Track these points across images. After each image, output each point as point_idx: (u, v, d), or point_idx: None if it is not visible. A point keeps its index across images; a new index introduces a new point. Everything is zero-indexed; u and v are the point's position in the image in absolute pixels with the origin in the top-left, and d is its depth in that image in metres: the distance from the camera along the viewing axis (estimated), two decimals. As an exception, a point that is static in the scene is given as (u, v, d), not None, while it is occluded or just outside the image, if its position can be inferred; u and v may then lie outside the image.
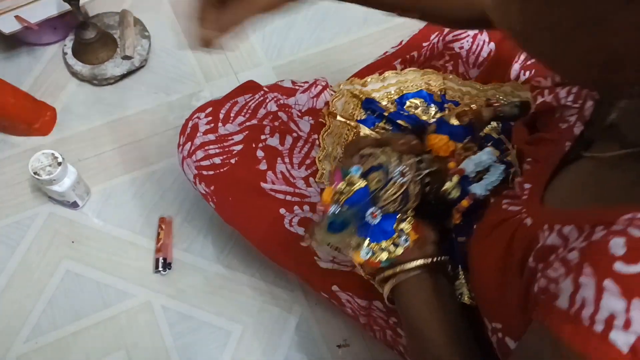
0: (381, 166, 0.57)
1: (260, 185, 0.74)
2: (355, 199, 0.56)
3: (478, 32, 0.86)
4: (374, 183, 0.57)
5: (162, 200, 1.05)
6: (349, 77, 0.91)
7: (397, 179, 0.57)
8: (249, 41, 1.22)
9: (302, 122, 0.79)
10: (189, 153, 0.76)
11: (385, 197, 0.56)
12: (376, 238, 0.57)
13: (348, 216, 0.55)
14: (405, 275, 0.58)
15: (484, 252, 0.52)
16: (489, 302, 0.52)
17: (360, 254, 0.56)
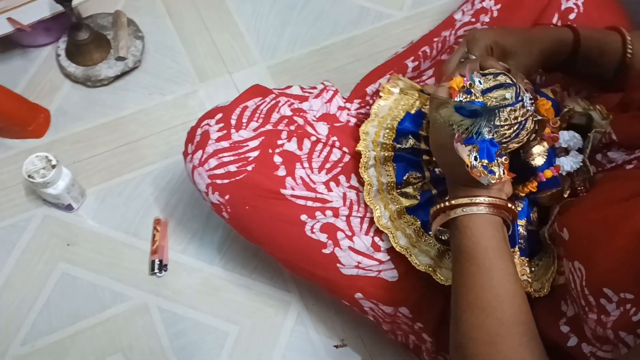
0: (511, 85, 0.55)
1: (280, 191, 0.72)
2: (475, 104, 0.54)
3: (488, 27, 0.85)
4: (495, 101, 0.55)
5: (158, 202, 1.05)
6: (355, 85, 0.90)
7: (525, 104, 0.55)
8: (243, 40, 1.21)
9: (319, 126, 0.78)
10: (201, 162, 0.73)
11: (505, 117, 0.54)
12: (482, 153, 0.54)
13: (479, 109, 0.53)
14: (477, 209, 0.56)
15: (620, 214, 0.50)
16: (618, 270, 0.48)
17: (471, 157, 0.53)
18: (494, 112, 0.54)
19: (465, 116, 0.52)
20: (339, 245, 0.74)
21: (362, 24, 1.23)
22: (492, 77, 0.56)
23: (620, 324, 0.48)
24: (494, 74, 0.57)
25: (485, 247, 0.56)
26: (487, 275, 0.55)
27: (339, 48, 1.21)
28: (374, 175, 0.73)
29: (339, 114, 0.81)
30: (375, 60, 1.17)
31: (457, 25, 0.88)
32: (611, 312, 0.49)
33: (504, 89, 0.55)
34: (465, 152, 0.53)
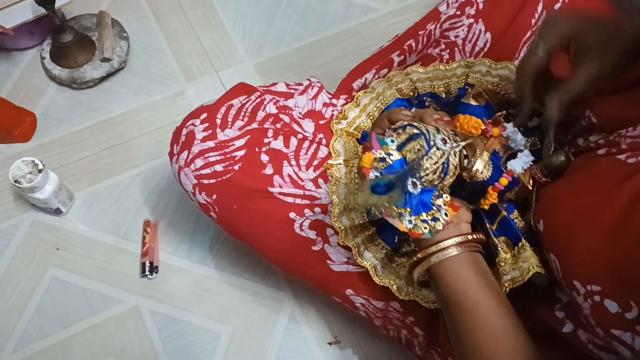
0: (419, 135, 0.56)
1: (268, 189, 0.72)
2: (393, 168, 0.55)
3: (474, 21, 0.85)
4: (412, 154, 0.56)
5: (147, 203, 1.04)
6: (341, 80, 0.89)
7: (439, 147, 0.56)
8: (229, 39, 1.20)
9: (305, 123, 0.77)
10: (187, 162, 0.73)
11: (426, 165, 0.55)
12: (417, 210, 0.55)
13: (392, 180, 0.54)
14: (444, 255, 0.57)
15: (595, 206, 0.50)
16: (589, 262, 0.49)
17: (404, 223, 0.55)
18: (413, 170, 0.55)
19: (382, 193, 0.53)
20: (329, 242, 0.73)
21: (348, 18, 1.23)
22: (401, 130, 0.58)
23: (605, 322, 0.47)
24: (403, 127, 0.58)
25: (464, 290, 0.56)
26: (475, 319, 0.55)
27: (326, 44, 1.20)
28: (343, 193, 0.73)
29: (325, 110, 0.80)
30: (362, 55, 1.15)
31: (442, 18, 0.88)
32: (582, 305, 0.50)
33: (415, 141, 0.56)
34: (397, 222, 0.55)
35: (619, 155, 0.53)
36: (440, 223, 0.55)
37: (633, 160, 0.51)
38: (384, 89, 0.80)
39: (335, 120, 0.78)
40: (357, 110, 0.80)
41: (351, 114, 0.79)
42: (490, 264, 0.62)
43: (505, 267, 0.63)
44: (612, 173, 0.52)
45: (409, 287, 0.70)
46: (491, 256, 0.64)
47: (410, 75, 0.80)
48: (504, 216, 0.64)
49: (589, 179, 0.55)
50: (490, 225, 0.65)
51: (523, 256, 0.61)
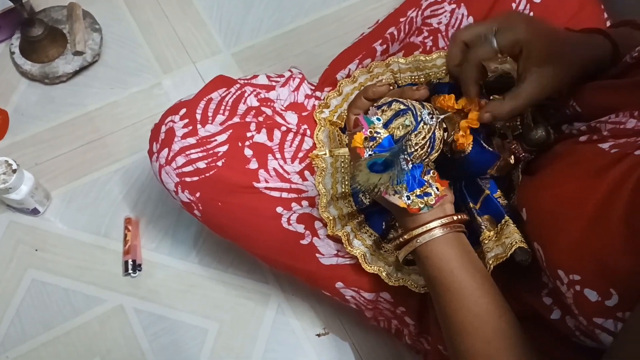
0: (406, 111, 0.56)
1: (253, 185, 0.71)
2: (384, 146, 0.55)
3: (456, 6, 0.83)
4: (400, 130, 0.56)
5: (127, 199, 1.02)
6: (324, 70, 0.88)
7: (426, 121, 0.56)
8: (205, 28, 1.17)
9: (288, 115, 0.76)
10: (167, 160, 0.71)
11: (415, 141, 0.55)
12: (412, 186, 0.56)
13: (389, 157, 0.53)
14: (429, 236, 0.57)
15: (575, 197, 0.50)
16: (570, 252, 0.49)
17: (403, 199, 0.55)
18: (403, 146, 0.55)
19: (380, 171, 0.53)
20: (317, 235, 0.73)
21: (328, 4, 1.20)
22: (386, 107, 0.57)
23: (587, 310, 0.48)
24: (387, 103, 0.58)
25: (450, 270, 0.56)
26: (460, 298, 0.55)
27: (305, 31, 1.18)
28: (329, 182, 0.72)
29: (307, 102, 0.79)
30: (343, 42, 1.14)
31: (423, 4, 0.86)
32: (565, 294, 0.50)
33: (402, 117, 0.56)
34: (396, 199, 0.55)
35: (600, 143, 0.53)
36: (433, 198, 0.56)
37: (615, 151, 0.51)
38: (366, 80, 0.79)
39: (317, 109, 0.77)
40: (340, 98, 0.79)
41: (333, 102, 0.78)
42: (475, 243, 0.63)
43: (489, 244, 0.63)
44: (594, 162, 0.52)
45: (398, 273, 0.69)
46: (475, 235, 0.64)
47: (391, 66, 0.79)
48: (487, 195, 0.64)
49: (571, 167, 0.55)
50: (474, 204, 0.65)
51: (506, 232, 0.61)
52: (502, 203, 0.65)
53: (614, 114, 0.55)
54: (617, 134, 0.53)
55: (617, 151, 0.51)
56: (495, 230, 0.63)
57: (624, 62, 0.61)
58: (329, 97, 0.78)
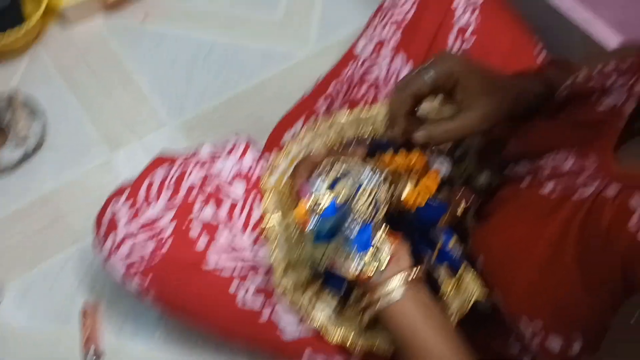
0: (348, 173, 0.56)
1: (203, 265, 0.70)
2: (329, 212, 0.54)
3: (394, 53, 0.86)
4: (343, 194, 0.55)
5: (85, 283, 1.00)
6: (269, 134, 0.89)
7: (369, 182, 0.56)
8: (148, 102, 1.18)
9: (234, 187, 0.75)
10: (112, 250, 0.70)
11: (358, 205, 0.55)
12: (361, 249, 0.55)
13: (332, 226, 0.53)
14: (389, 299, 0.57)
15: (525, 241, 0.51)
16: (529, 297, 0.50)
17: (351, 269, 0.54)
18: (348, 210, 0.55)
19: (326, 242, 0.53)
20: (276, 308, 0.72)
21: (269, 66, 1.22)
22: (328, 171, 0.58)
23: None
24: (328, 167, 0.58)
25: (414, 329, 0.56)
26: (427, 356, 0.55)
27: (249, 95, 1.19)
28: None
29: (253, 169, 0.78)
30: (287, 102, 1.15)
31: (359, 60, 0.88)
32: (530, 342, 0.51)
33: (344, 179, 0.56)
34: (345, 270, 0.55)
35: (540, 189, 0.54)
36: (385, 258, 0.55)
37: (554, 195, 0.52)
38: (312, 139, 0.79)
39: (264, 176, 0.77)
40: (287, 161, 0.78)
41: (281, 166, 0.78)
42: (436, 294, 0.63)
43: (450, 296, 0.63)
44: (537, 206, 0.53)
45: (367, 333, 0.69)
46: (436, 286, 0.64)
47: (335, 123, 0.80)
48: (441, 244, 0.65)
49: (517, 212, 0.56)
50: (431, 254, 0.65)
51: (464, 283, 0.62)
52: (458, 251, 0.66)
53: (554, 153, 0.56)
54: (557, 176, 0.54)
55: (557, 195, 0.52)
56: (453, 281, 0.64)
57: (557, 99, 0.63)
58: (275, 161, 0.77)
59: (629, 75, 0.54)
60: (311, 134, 0.79)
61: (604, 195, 0.47)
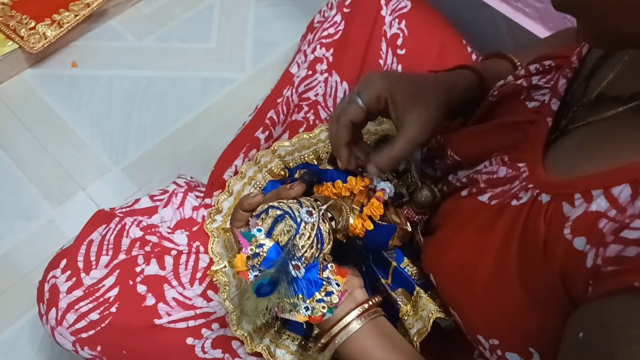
0: (283, 215, 0.53)
1: (155, 322, 0.66)
2: (270, 259, 0.51)
3: (328, 75, 0.84)
4: (283, 235, 0.52)
5: (40, 356, 0.93)
6: (210, 174, 0.85)
7: (307, 220, 0.53)
8: (88, 149, 1.12)
9: (177, 236, 0.72)
10: (58, 321, 0.66)
11: (301, 243, 0.52)
12: (310, 292, 0.52)
13: (274, 274, 0.50)
14: (347, 333, 0.54)
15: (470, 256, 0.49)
16: (481, 315, 0.48)
17: (301, 312, 0.52)
18: (290, 253, 0.52)
19: (269, 292, 0.50)
20: (238, 355, 0.68)
21: (209, 95, 1.18)
22: (265, 215, 0.55)
23: None
24: (264, 211, 0.55)
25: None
26: None
27: (191, 127, 1.15)
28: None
29: (196, 214, 0.75)
30: (230, 129, 1.13)
31: (295, 81, 0.86)
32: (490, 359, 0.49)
33: (281, 222, 0.53)
34: (294, 314, 0.52)
35: (479, 196, 0.53)
36: (336, 295, 0.53)
37: (494, 202, 0.50)
38: (255, 172, 0.76)
39: (208, 219, 0.73)
40: (231, 199, 0.75)
41: (225, 205, 0.74)
42: (396, 319, 0.61)
43: (409, 320, 0.61)
44: (479, 217, 0.51)
45: None
46: (395, 312, 0.61)
47: (277, 151, 0.77)
48: (395, 267, 0.62)
49: (461, 225, 0.54)
50: (385, 279, 0.62)
51: (420, 304, 0.60)
52: (412, 271, 0.63)
53: (488, 161, 0.55)
54: (493, 184, 0.52)
55: (496, 202, 0.50)
56: (411, 303, 0.61)
57: (488, 101, 0.62)
58: (219, 201, 0.74)
59: (553, 74, 0.55)
60: (253, 167, 0.76)
61: (540, 201, 0.45)
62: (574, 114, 0.49)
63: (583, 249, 0.39)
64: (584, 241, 0.39)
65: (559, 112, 0.51)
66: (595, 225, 0.39)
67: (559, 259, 0.41)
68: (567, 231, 0.41)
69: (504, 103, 0.59)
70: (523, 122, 0.54)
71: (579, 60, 0.53)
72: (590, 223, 0.39)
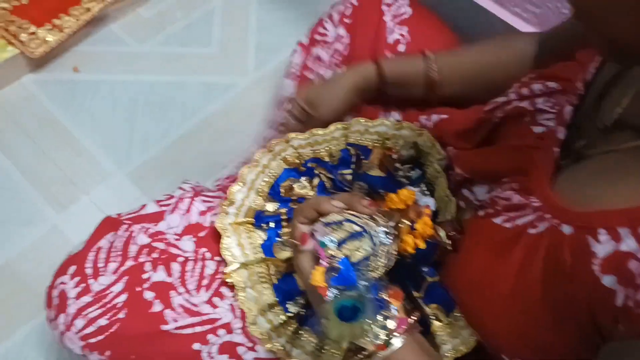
0: (361, 234, 0.52)
1: (162, 328, 0.67)
2: (345, 278, 0.50)
3: None
4: (356, 253, 0.51)
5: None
6: (216, 181, 0.86)
7: (385, 243, 0.52)
8: (90, 155, 1.12)
9: (184, 243, 0.72)
10: (67, 326, 0.67)
11: (376, 265, 0.51)
12: (376, 315, 0.50)
13: (356, 298, 0.48)
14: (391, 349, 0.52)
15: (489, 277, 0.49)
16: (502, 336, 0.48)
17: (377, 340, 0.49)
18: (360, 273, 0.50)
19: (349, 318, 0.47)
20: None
21: (211, 100, 1.19)
22: (336, 227, 0.53)
23: None
24: (337, 222, 0.53)
25: None
26: None
27: (196, 132, 1.15)
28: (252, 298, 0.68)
29: (203, 219, 0.75)
30: (234, 133, 1.13)
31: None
32: None
33: (358, 240, 0.52)
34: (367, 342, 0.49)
35: (493, 218, 0.53)
36: (394, 320, 0.51)
37: (509, 225, 0.50)
38: (269, 160, 0.76)
39: (220, 214, 0.72)
40: (245, 189, 0.74)
41: (238, 196, 0.73)
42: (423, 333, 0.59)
43: (443, 335, 0.60)
44: (494, 240, 0.51)
45: None
46: (424, 326, 0.61)
47: (291, 142, 0.77)
48: (431, 282, 0.62)
49: (477, 247, 0.54)
50: (417, 292, 0.62)
51: (461, 323, 0.60)
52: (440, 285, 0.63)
53: (501, 187, 0.56)
54: (508, 208, 0.53)
55: (510, 225, 0.50)
56: (447, 320, 0.61)
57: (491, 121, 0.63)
58: (232, 192, 0.73)
59: (557, 98, 0.55)
60: (267, 156, 0.76)
61: (561, 230, 0.45)
62: (589, 140, 0.49)
63: (612, 287, 0.39)
64: (613, 280, 0.39)
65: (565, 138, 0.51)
66: (626, 265, 0.38)
67: (587, 291, 0.41)
68: (595, 267, 0.40)
69: (509, 124, 0.60)
70: (529, 147, 0.54)
71: (584, 85, 0.53)
72: (620, 263, 0.39)
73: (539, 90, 0.57)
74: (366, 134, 0.77)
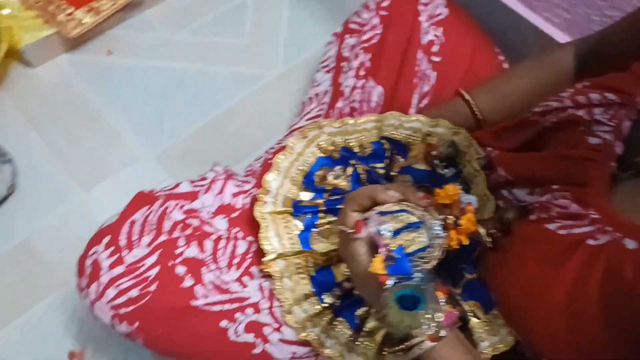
0: (418, 225, 0.53)
1: (191, 304, 0.68)
2: (400, 265, 0.50)
3: (365, 80, 0.87)
4: (411, 243, 0.52)
5: (69, 331, 0.95)
6: (246, 169, 0.88)
7: (440, 235, 0.53)
8: (120, 138, 1.15)
9: (217, 221, 0.74)
10: (98, 295, 0.68)
11: (430, 257, 0.52)
12: (432, 306, 0.51)
13: (416, 287, 0.48)
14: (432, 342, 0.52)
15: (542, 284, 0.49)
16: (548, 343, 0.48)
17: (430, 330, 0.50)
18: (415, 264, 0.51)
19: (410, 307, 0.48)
20: (269, 341, 0.70)
21: (240, 90, 1.21)
22: (392, 216, 0.54)
23: None
24: (392, 212, 0.54)
25: None
26: None
27: (224, 120, 1.17)
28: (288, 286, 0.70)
29: (235, 201, 0.77)
30: (261, 125, 1.15)
31: (345, 91, 0.88)
32: None
33: (415, 231, 0.53)
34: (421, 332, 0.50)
35: (547, 223, 0.53)
36: (442, 312, 0.51)
37: (564, 232, 0.51)
38: (304, 147, 0.77)
39: (257, 202, 0.73)
40: (280, 177, 0.75)
41: (274, 185, 0.74)
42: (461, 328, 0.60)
43: (480, 332, 0.62)
44: (547, 247, 0.52)
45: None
46: (461, 321, 0.62)
47: (323, 128, 0.78)
48: (470, 279, 0.63)
49: (529, 251, 0.55)
50: (455, 289, 0.64)
51: (500, 321, 0.61)
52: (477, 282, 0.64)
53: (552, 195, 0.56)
54: (564, 216, 0.53)
55: (566, 233, 0.51)
56: (485, 317, 0.62)
57: (543, 126, 0.63)
58: (266, 181, 0.74)
59: (615, 110, 0.54)
60: (302, 142, 0.77)
61: (623, 245, 0.45)
62: None
63: None
64: None
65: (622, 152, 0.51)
66: None
67: None
68: None
69: (561, 131, 0.59)
70: (583, 158, 0.53)
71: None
72: None
73: (597, 100, 0.56)
74: (400, 128, 0.78)
